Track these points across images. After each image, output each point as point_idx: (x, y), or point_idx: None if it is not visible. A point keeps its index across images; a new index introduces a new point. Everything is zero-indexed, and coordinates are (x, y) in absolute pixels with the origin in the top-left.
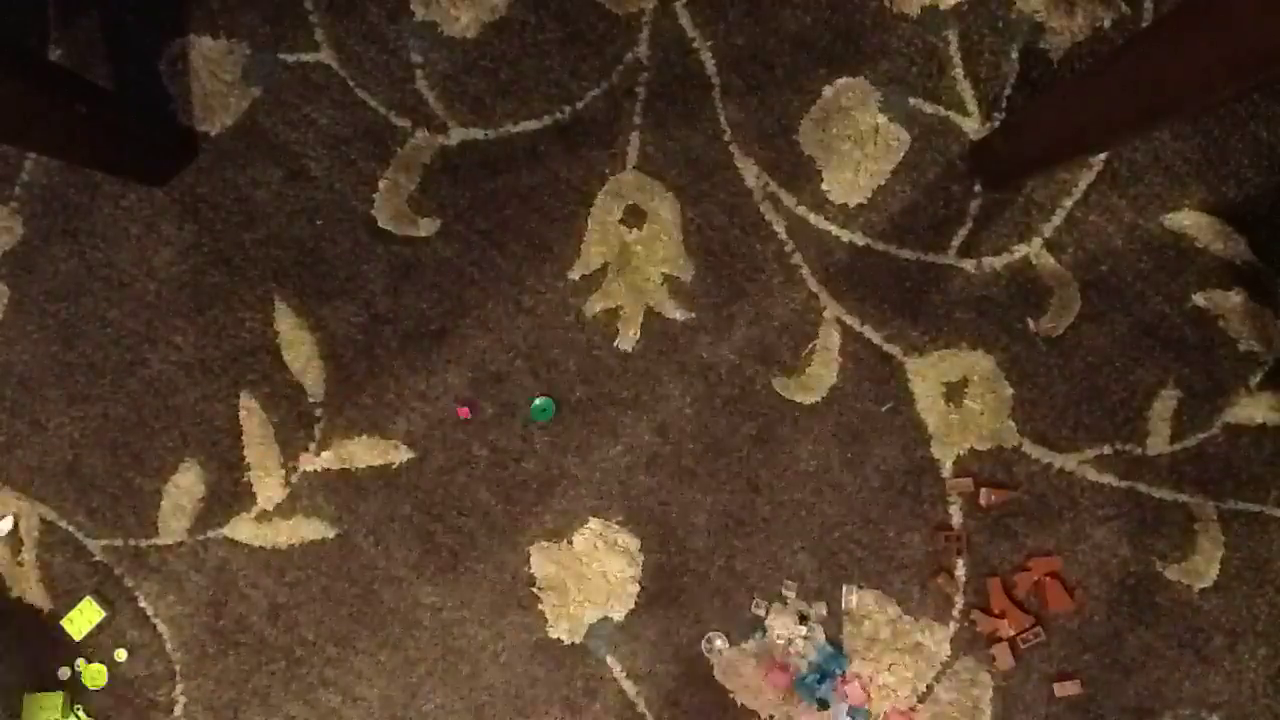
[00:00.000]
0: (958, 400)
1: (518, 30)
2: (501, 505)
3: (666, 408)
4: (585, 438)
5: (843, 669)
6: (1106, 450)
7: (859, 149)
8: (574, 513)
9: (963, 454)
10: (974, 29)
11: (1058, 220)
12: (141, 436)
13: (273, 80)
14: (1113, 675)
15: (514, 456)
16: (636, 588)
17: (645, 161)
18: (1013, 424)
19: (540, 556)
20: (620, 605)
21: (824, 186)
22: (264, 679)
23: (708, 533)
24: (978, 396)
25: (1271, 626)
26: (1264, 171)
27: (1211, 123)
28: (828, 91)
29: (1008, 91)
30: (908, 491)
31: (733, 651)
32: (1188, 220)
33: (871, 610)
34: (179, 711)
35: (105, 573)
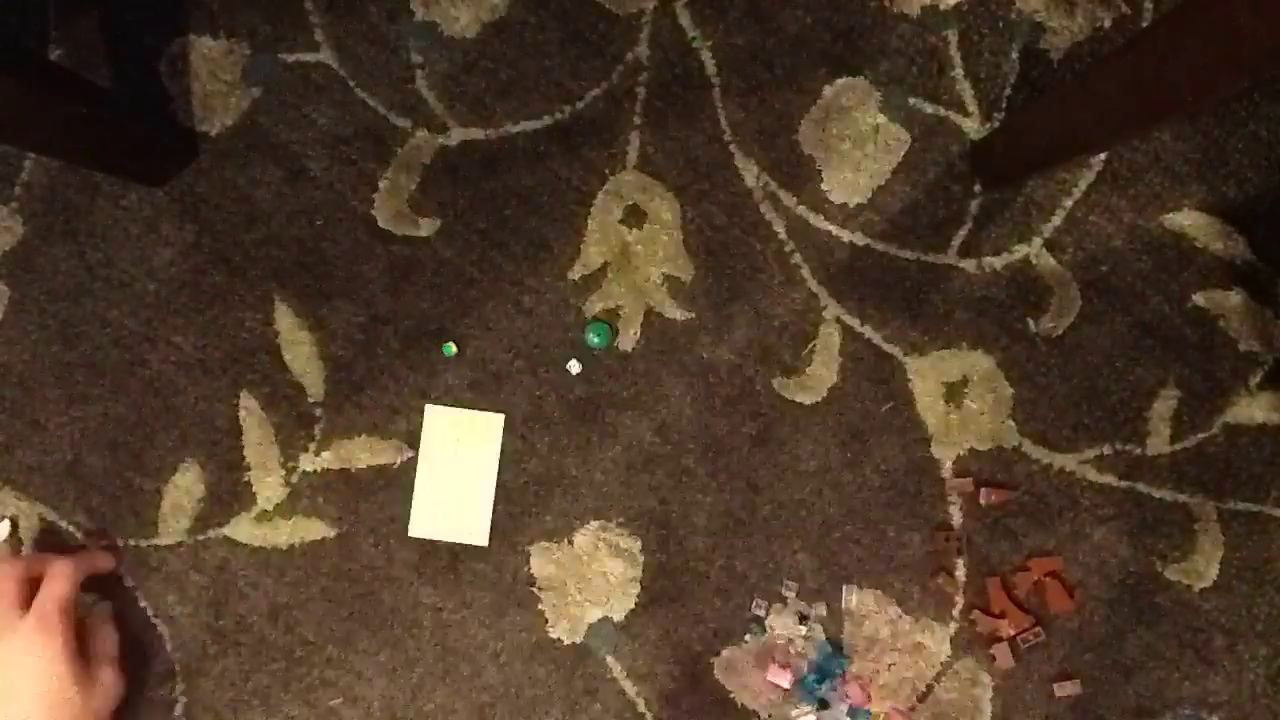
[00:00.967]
0: (958, 400)
1: (518, 30)
2: (501, 505)
3: (666, 408)
4: (585, 438)
5: (843, 669)
6: (1106, 450)
7: (859, 149)
8: (574, 513)
9: (963, 454)
10: (974, 29)
11: (1058, 220)
12: (141, 436)
13: (273, 80)
14: (1113, 675)
15: (514, 457)
16: (637, 588)
17: (645, 161)
18: (1013, 424)
19: (540, 556)
20: (620, 605)
21: (824, 186)
22: (264, 679)
23: (708, 533)
24: (978, 396)
25: (1271, 626)
26: (1264, 171)
27: (1211, 123)
28: (828, 91)
29: (1008, 91)
30: (908, 491)
31: (733, 651)
32: (1188, 220)
33: (871, 610)
34: (179, 711)
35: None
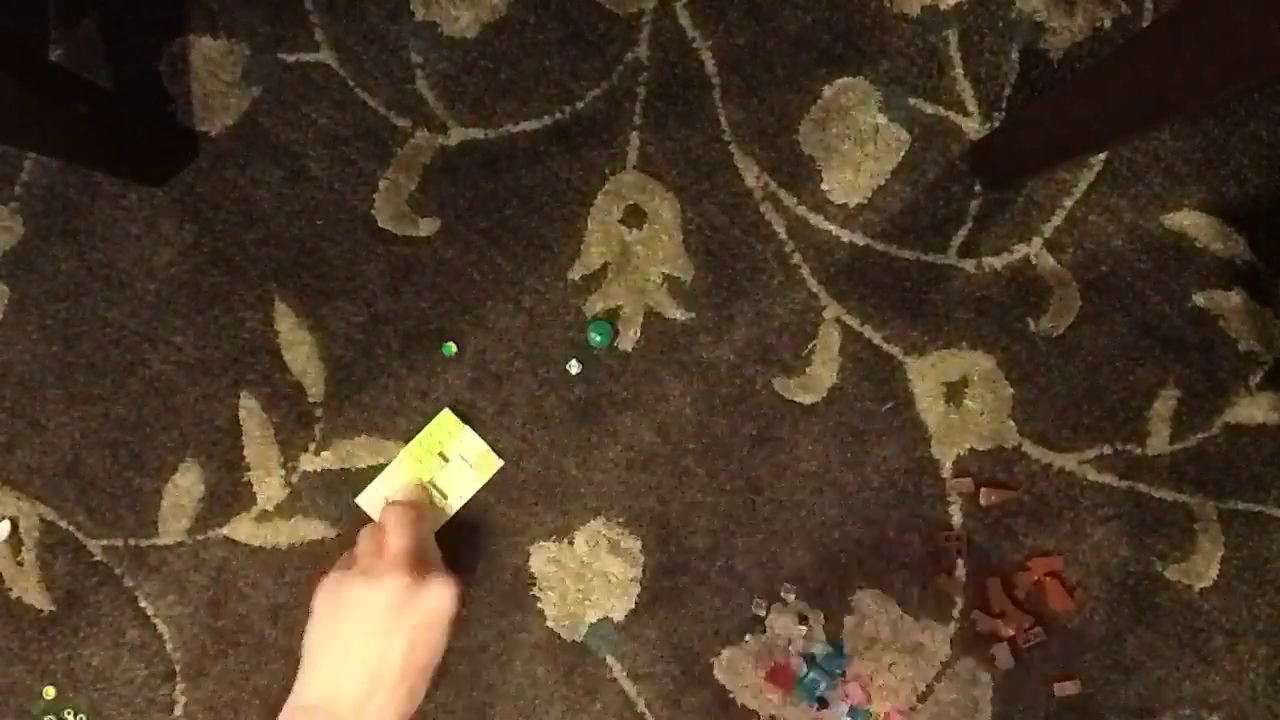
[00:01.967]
0: (958, 400)
1: (518, 30)
2: (501, 505)
3: (666, 408)
4: (585, 438)
5: (843, 669)
6: (1106, 450)
7: (859, 149)
8: (574, 513)
9: (963, 454)
10: (974, 29)
11: (1058, 220)
12: (141, 436)
13: (273, 80)
14: (1113, 675)
15: (514, 457)
16: (637, 588)
17: (645, 161)
18: (1013, 424)
19: (540, 556)
20: (620, 605)
21: (824, 186)
22: (264, 679)
23: (708, 533)
24: (978, 396)
25: (1271, 626)
26: (1264, 171)
27: (1211, 123)
28: (828, 91)
29: (1008, 91)
30: (908, 491)
31: (733, 651)
32: (1188, 220)
33: (871, 610)
34: (179, 711)
35: (105, 573)
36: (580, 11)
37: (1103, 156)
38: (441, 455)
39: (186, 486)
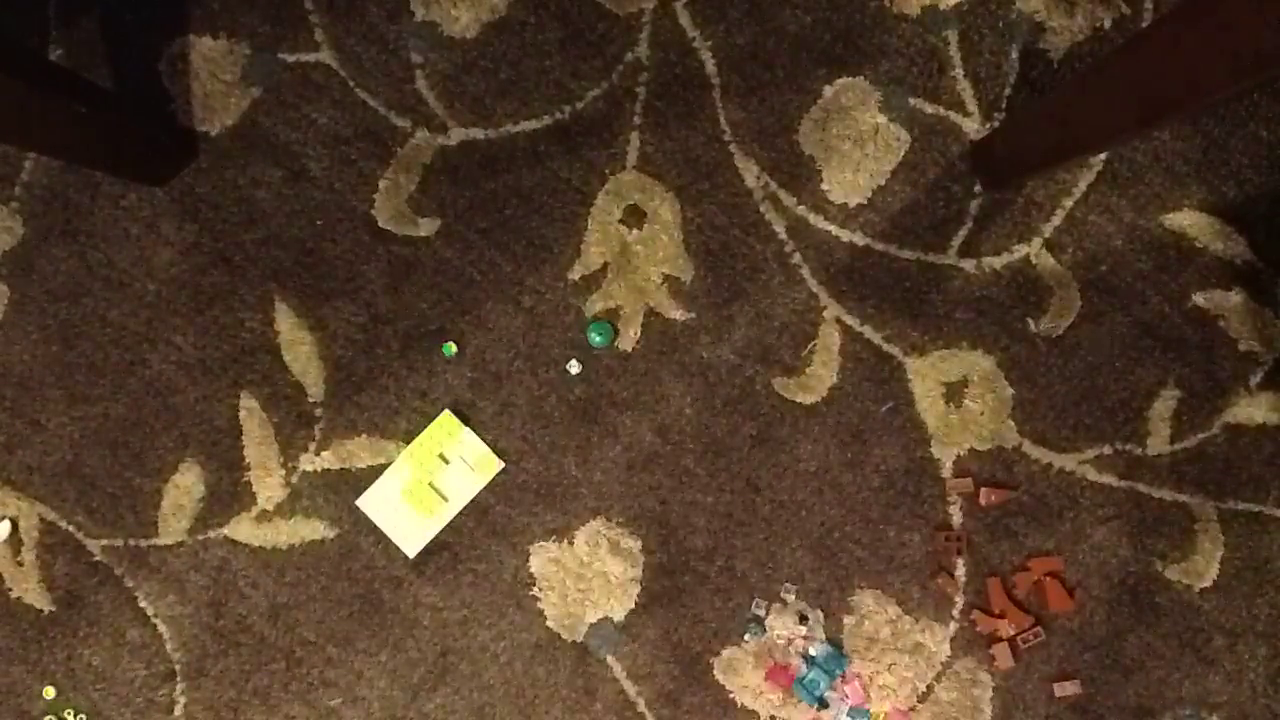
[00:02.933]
0: (958, 400)
1: (518, 30)
2: (502, 505)
3: (666, 408)
4: (585, 438)
5: (843, 669)
6: (1106, 450)
7: (859, 149)
8: (574, 512)
9: (963, 454)
10: (974, 29)
11: (1058, 220)
12: (141, 436)
13: (273, 80)
14: (1113, 675)
15: (514, 457)
16: (637, 588)
17: (645, 161)
18: (1013, 424)
19: (540, 556)
20: (620, 605)
21: (824, 186)
22: (264, 679)
23: (708, 533)
24: (978, 396)
25: (1271, 626)
26: (1264, 171)
27: (1211, 123)
28: (828, 91)
29: (1008, 91)
30: (908, 491)
31: (733, 651)
32: (1188, 220)
33: (871, 610)
34: (179, 711)
35: (105, 573)
36: (580, 11)
37: (1103, 156)
38: (442, 457)
39: (186, 486)
